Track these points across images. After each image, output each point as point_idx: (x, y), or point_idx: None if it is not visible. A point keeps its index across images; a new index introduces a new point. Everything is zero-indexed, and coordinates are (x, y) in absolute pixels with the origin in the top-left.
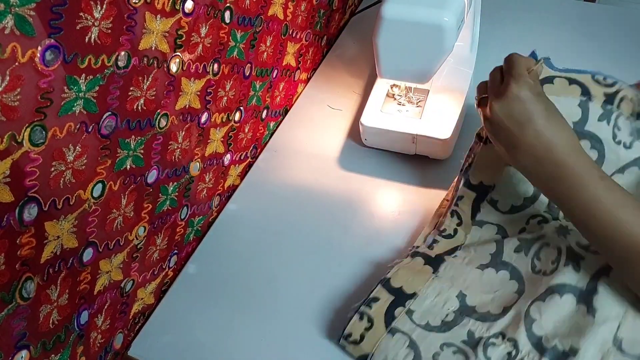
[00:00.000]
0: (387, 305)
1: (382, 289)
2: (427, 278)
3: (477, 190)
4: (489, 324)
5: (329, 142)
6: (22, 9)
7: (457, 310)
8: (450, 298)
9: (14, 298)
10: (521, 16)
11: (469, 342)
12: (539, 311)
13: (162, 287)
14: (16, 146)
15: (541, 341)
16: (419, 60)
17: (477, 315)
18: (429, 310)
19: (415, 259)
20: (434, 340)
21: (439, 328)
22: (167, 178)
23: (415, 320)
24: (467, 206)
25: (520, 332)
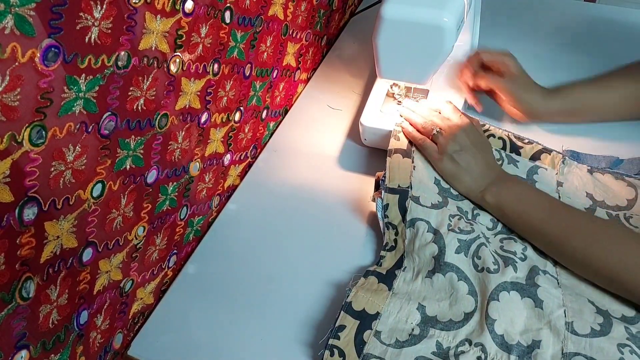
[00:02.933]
0: (354, 332)
1: (345, 315)
2: (385, 296)
3: (398, 192)
4: (454, 333)
5: (328, 142)
6: (22, 9)
7: (420, 323)
8: (412, 312)
9: (14, 298)
10: (521, 16)
11: (438, 353)
12: (497, 311)
13: (161, 287)
14: (16, 146)
15: (505, 340)
16: (418, 60)
17: (441, 325)
18: (394, 328)
19: (369, 278)
20: (406, 356)
21: (409, 342)
22: (167, 178)
23: (384, 341)
24: (395, 212)
25: (485, 336)
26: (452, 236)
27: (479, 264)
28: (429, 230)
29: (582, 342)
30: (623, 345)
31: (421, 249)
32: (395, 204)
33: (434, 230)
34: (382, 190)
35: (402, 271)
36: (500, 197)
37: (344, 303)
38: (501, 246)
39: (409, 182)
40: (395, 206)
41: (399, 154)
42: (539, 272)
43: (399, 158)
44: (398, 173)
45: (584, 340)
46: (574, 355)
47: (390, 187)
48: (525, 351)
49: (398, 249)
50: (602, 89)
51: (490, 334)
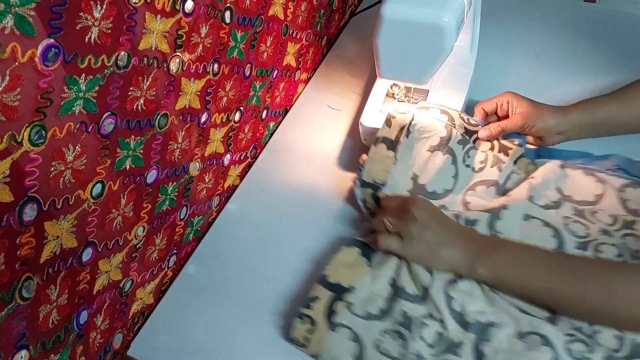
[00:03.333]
0: (326, 303)
1: (320, 287)
2: (362, 270)
3: (372, 187)
4: (416, 305)
5: (328, 142)
6: (22, 9)
7: (391, 296)
8: (384, 284)
9: (14, 298)
10: (521, 16)
11: (405, 323)
12: (456, 292)
13: (161, 287)
14: (16, 146)
15: (463, 318)
16: (418, 60)
17: (407, 295)
18: (366, 301)
19: (351, 249)
20: (375, 329)
21: (378, 316)
22: (167, 178)
23: (356, 312)
24: (372, 203)
25: (444, 312)
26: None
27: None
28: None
29: (535, 322)
30: (568, 334)
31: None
32: (370, 196)
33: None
34: (357, 180)
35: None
36: (495, 267)
37: (320, 275)
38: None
39: (384, 179)
40: (371, 198)
41: (384, 145)
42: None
43: (383, 149)
44: (377, 167)
45: (537, 321)
46: (528, 334)
47: (366, 181)
48: (482, 329)
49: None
50: (624, 102)
51: (449, 311)
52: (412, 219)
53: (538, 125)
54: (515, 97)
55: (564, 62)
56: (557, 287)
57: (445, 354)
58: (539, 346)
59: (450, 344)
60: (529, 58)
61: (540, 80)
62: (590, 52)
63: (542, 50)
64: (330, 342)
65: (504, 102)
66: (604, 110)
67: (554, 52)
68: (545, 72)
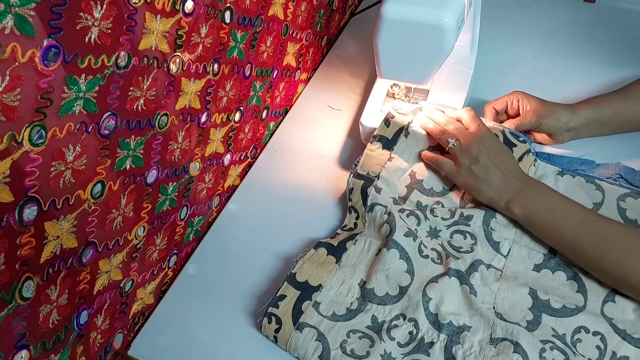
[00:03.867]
0: (293, 302)
1: (288, 285)
2: (331, 269)
3: (364, 178)
4: (390, 307)
5: (328, 142)
6: (22, 9)
7: (359, 297)
8: (353, 286)
9: (14, 298)
10: (521, 16)
11: (373, 327)
12: (434, 290)
13: (161, 287)
14: (16, 146)
15: (438, 318)
16: (418, 60)
17: (378, 299)
18: (334, 300)
19: (319, 250)
20: (340, 329)
21: (345, 317)
22: (167, 178)
23: (322, 312)
24: (357, 196)
25: (419, 312)
26: (402, 223)
27: (424, 251)
28: (385, 213)
29: (510, 328)
30: (546, 341)
31: (376, 229)
32: (359, 189)
33: (389, 213)
34: (351, 173)
35: (353, 244)
36: (528, 207)
37: (289, 274)
38: (449, 241)
39: (378, 173)
40: (358, 190)
41: (380, 143)
42: (481, 266)
43: (379, 148)
44: (371, 161)
45: (511, 327)
46: (501, 340)
47: (359, 173)
48: (455, 331)
49: (357, 230)
50: (627, 99)
51: (424, 311)
52: (469, 149)
53: (550, 123)
54: (524, 95)
55: (564, 62)
56: (581, 241)
57: (415, 354)
58: (510, 353)
59: (422, 344)
60: (529, 58)
61: (540, 80)
62: (590, 51)
63: (542, 50)
64: (296, 342)
65: (514, 101)
66: (609, 107)
67: (554, 52)
68: (545, 72)
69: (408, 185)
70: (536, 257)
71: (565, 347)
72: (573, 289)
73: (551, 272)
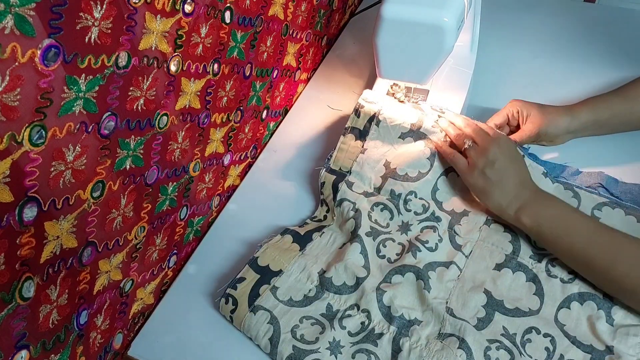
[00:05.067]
0: (252, 285)
1: (249, 269)
2: (293, 256)
3: (337, 174)
4: (345, 297)
5: (328, 142)
6: (22, 9)
7: (318, 285)
8: (313, 274)
9: (14, 298)
10: (521, 16)
11: (327, 315)
12: (389, 282)
13: (161, 287)
14: (16, 146)
15: (390, 311)
16: (418, 60)
17: (335, 288)
18: (292, 286)
19: (285, 237)
20: (294, 315)
21: (301, 303)
22: (167, 178)
23: (279, 297)
24: (329, 190)
25: (373, 304)
26: (367, 222)
27: (382, 251)
28: (352, 209)
29: (458, 325)
30: (492, 340)
31: (343, 224)
32: (330, 183)
33: (356, 210)
34: (324, 168)
35: (319, 236)
36: (538, 218)
37: (251, 258)
38: (418, 236)
39: (350, 167)
40: (330, 184)
41: (352, 135)
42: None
43: (351, 139)
44: (344, 155)
45: (460, 323)
46: (449, 336)
47: (332, 169)
48: (405, 324)
49: (326, 222)
50: (626, 99)
51: (377, 303)
52: (485, 152)
53: (550, 131)
54: (523, 104)
55: (563, 61)
56: (591, 252)
57: (364, 343)
58: (454, 349)
59: (371, 334)
60: (528, 58)
61: (540, 80)
62: (590, 51)
63: (542, 50)
64: (249, 323)
65: (514, 112)
66: (608, 108)
67: (553, 52)
68: (545, 72)
69: (383, 175)
70: (498, 256)
71: (512, 347)
72: (531, 291)
73: (511, 271)
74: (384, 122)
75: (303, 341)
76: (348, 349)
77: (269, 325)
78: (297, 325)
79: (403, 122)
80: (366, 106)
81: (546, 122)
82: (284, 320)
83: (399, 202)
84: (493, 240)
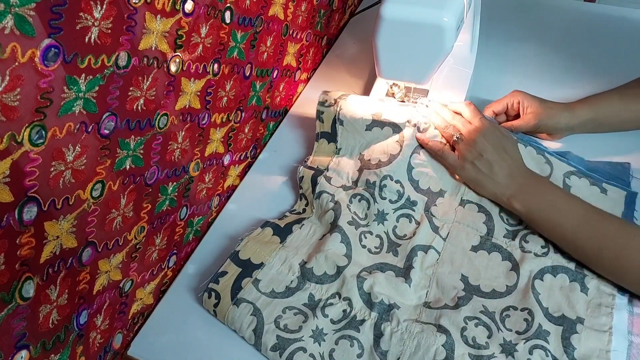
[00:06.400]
0: (234, 278)
1: (230, 262)
2: (274, 248)
3: (314, 169)
4: (327, 286)
5: None
6: (22, 9)
7: (299, 276)
8: (294, 265)
9: (14, 298)
10: (521, 16)
11: (309, 304)
12: (369, 273)
13: (161, 287)
14: (16, 146)
15: (370, 298)
16: (418, 60)
17: (316, 278)
18: (274, 278)
19: (265, 230)
20: (277, 306)
21: (283, 294)
22: (167, 178)
23: (261, 289)
24: (308, 184)
25: (354, 292)
26: (347, 212)
27: (363, 241)
28: (331, 201)
29: (433, 314)
30: (471, 318)
31: (322, 216)
32: (309, 177)
33: (335, 202)
34: (301, 165)
35: (299, 227)
36: (530, 204)
37: (232, 252)
38: (395, 227)
39: (327, 166)
40: (308, 179)
41: (325, 140)
42: (420, 251)
43: (324, 144)
44: (321, 157)
45: (435, 312)
46: (424, 324)
47: (309, 166)
48: (385, 309)
49: (305, 215)
50: (625, 97)
51: (358, 291)
52: (473, 144)
53: (549, 124)
54: (525, 96)
55: (564, 62)
56: (580, 238)
57: (346, 329)
58: (434, 331)
59: (354, 321)
60: (528, 58)
61: (540, 80)
62: (590, 51)
63: (542, 51)
64: (232, 316)
65: (515, 102)
66: (607, 106)
67: (554, 52)
68: (545, 72)
69: (359, 168)
70: (474, 238)
71: (491, 323)
72: (507, 268)
73: (487, 253)
74: (345, 120)
75: (287, 331)
76: (331, 336)
77: (252, 317)
78: (280, 315)
79: (363, 115)
80: (325, 110)
81: (546, 115)
82: (267, 311)
83: (374, 190)
84: (468, 221)
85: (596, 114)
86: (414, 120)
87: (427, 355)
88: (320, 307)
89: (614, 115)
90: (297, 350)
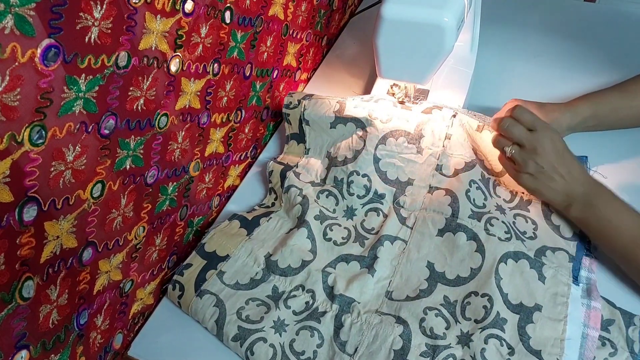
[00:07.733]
0: (198, 270)
1: (195, 255)
2: (240, 240)
3: (284, 164)
4: (290, 279)
5: None
6: (22, 9)
7: (264, 268)
8: (259, 257)
9: (14, 298)
10: (521, 16)
11: (272, 296)
12: (333, 268)
13: (161, 287)
14: (16, 146)
15: (333, 291)
16: (418, 60)
17: (280, 271)
18: (239, 270)
19: (232, 222)
20: (240, 297)
21: (247, 286)
22: (167, 178)
23: (225, 281)
24: (277, 178)
25: (318, 285)
26: (315, 205)
27: (329, 234)
28: (300, 195)
29: (394, 305)
30: (431, 308)
31: (290, 210)
32: (278, 172)
33: (303, 196)
34: (271, 160)
35: (267, 221)
36: (589, 214)
37: (198, 244)
38: (363, 221)
39: (297, 163)
40: (278, 173)
41: (294, 141)
42: (387, 241)
43: (294, 145)
44: (290, 156)
45: (396, 304)
46: (384, 314)
47: (279, 161)
48: (346, 302)
49: (274, 208)
50: (625, 94)
51: (322, 284)
52: (532, 152)
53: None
54: (523, 104)
55: (564, 61)
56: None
57: (308, 321)
58: (392, 322)
59: (315, 312)
60: (529, 58)
61: (540, 80)
62: (590, 51)
63: (542, 50)
64: (195, 307)
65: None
66: (607, 103)
67: (554, 52)
68: (545, 72)
69: (327, 166)
70: (440, 222)
71: (449, 316)
72: (472, 249)
73: (452, 234)
74: (310, 119)
75: (248, 321)
76: (292, 326)
77: (215, 308)
78: (242, 307)
79: (325, 112)
80: (291, 112)
81: (547, 119)
82: (230, 302)
83: (342, 187)
84: (434, 206)
85: (596, 110)
86: (374, 114)
87: (384, 344)
88: (283, 299)
89: (614, 112)
90: (257, 340)
